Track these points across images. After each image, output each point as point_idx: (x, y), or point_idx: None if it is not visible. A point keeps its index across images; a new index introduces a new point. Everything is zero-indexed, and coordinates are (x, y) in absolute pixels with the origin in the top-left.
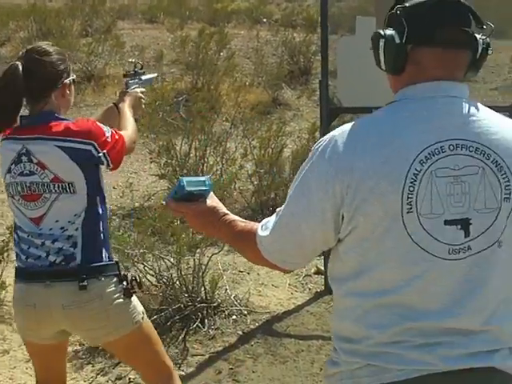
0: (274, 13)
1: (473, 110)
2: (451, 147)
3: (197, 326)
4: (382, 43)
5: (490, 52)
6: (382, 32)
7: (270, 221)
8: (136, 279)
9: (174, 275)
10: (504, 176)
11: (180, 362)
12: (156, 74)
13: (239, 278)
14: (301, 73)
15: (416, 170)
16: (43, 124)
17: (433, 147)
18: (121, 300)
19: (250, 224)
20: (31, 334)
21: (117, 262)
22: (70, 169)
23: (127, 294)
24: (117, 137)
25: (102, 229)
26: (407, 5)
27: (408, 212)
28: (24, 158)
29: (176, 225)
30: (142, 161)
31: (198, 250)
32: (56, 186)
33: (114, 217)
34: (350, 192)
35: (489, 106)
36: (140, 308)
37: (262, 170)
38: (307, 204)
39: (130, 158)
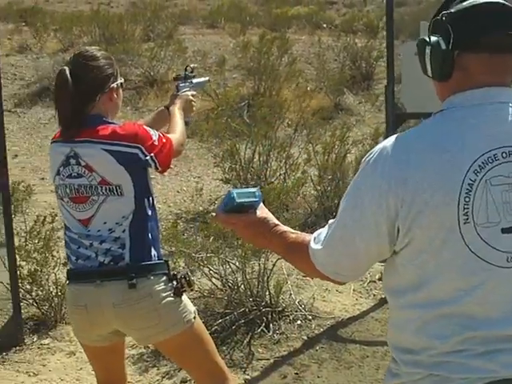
0: (334, 18)
1: None
2: (504, 154)
3: (262, 330)
4: (428, 50)
5: None
6: (427, 39)
7: (322, 233)
8: (186, 278)
9: (239, 279)
10: None
11: (245, 366)
12: (207, 78)
13: (303, 283)
14: (362, 78)
15: (470, 179)
16: (91, 127)
17: (486, 156)
18: (171, 299)
19: (302, 235)
20: (84, 337)
21: (166, 261)
22: (117, 172)
23: (177, 292)
24: (164, 140)
25: (150, 229)
26: (452, 11)
27: (465, 223)
28: (72, 161)
29: None
30: (205, 165)
31: (263, 255)
32: (103, 188)
33: (178, 221)
34: (404, 205)
35: None
36: (191, 307)
37: (329, 176)
38: (360, 217)
39: (193, 163)
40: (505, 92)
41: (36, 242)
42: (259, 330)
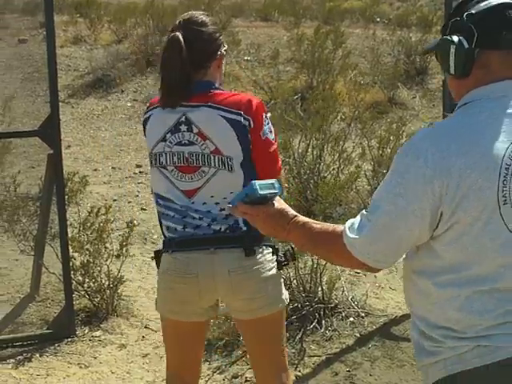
0: (388, 12)
1: None
2: None
3: (314, 326)
4: (453, 49)
5: None
6: (451, 38)
7: (356, 223)
8: (290, 251)
9: (291, 274)
10: None
11: (297, 362)
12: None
13: (356, 280)
14: (417, 72)
15: (507, 164)
16: (204, 93)
17: None
18: (275, 272)
19: (330, 226)
20: (182, 310)
21: None
22: (231, 142)
23: (279, 266)
24: (274, 147)
25: None
26: (473, 12)
27: (504, 203)
28: (183, 127)
29: None
30: None
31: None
32: (216, 158)
33: None
34: (449, 191)
35: None
36: None
37: (383, 171)
38: (406, 204)
39: None
40: None
41: (89, 233)
42: (311, 327)
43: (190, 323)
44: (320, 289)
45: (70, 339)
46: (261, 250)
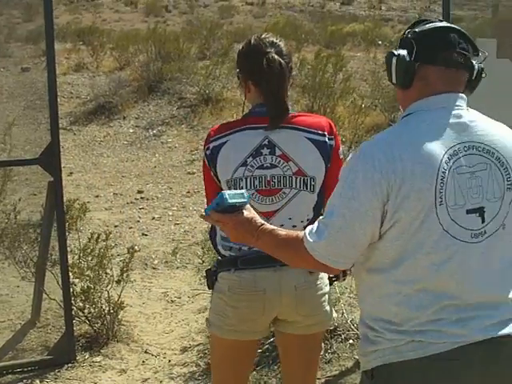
0: (390, 35)
1: (474, 116)
2: (465, 148)
3: None
4: (394, 60)
5: (483, 75)
6: (394, 51)
7: (314, 228)
8: None
9: None
10: (505, 170)
11: None
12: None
13: (356, 302)
14: None
15: (443, 168)
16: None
17: (452, 149)
18: (328, 288)
19: (293, 232)
20: (242, 329)
21: None
22: (316, 162)
23: (330, 282)
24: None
25: None
26: (416, 30)
27: (440, 204)
28: (265, 151)
29: None
30: None
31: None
32: (298, 180)
33: None
34: (393, 191)
35: None
36: None
37: None
38: (358, 206)
39: None
40: (461, 98)
41: (89, 259)
42: None
43: (247, 342)
44: None
45: (70, 365)
46: None
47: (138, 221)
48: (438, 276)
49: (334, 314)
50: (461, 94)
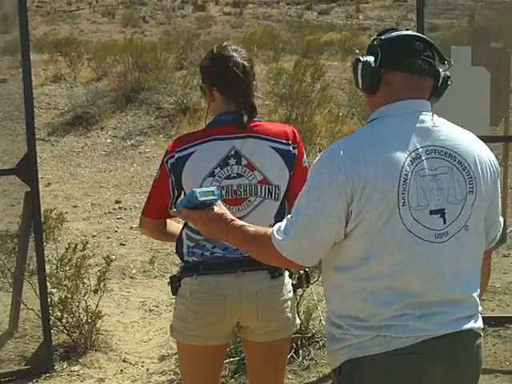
0: (366, 44)
1: (436, 121)
2: (427, 152)
3: (291, 356)
4: (360, 66)
5: (449, 83)
6: (360, 58)
7: (282, 226)
8: (304, 275)
9: None
10: (467, 173)
11: None
12: None
13: None
14: None
15: (406, 171)
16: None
17: (414, 153)
18: (292, 295)
19: (262, 229)
20: (205, 334)
21: None
22: (280, 171)
23: (294, 289)
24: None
25: None
26: (382, 37)
27: (403, 205)
28: (232, 161)
29: None
30: None
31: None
32: (263, 188)
33: None
34: (357, 192)
35: None
36: None
37: None
38: (323, 206)
39: None
40: (424, 104)
41: (67, 269)
42: (289, 356)
43: (210, 347)
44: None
45: (48, 374)
46: (283, 271)
47: (116, 231)
48: (403, 274)
49: (298, 321)
50: (424, 101)
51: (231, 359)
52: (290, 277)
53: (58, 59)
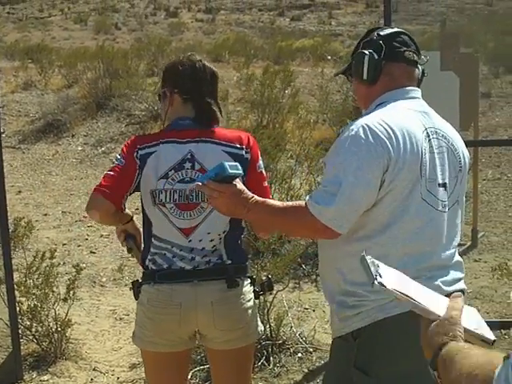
0: (339, 50)
1: (429, 107)
2: (431, 132)
3: (262, 363)
4: (366, 58)
5: (426, 74)
6: (365, 51)
7: (319, 195)
8: (267, 281)
9: None
10: (457, 154)
11: None
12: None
13: (304, 316)
14: None
15: (423, 147)
16: (205, 128)
17: (425, 132)
18: (253, 302)
19: (290, 202)
20: (162, 341)
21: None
22: None
23: (256, 296)
24: (266, 183)
25: (241, 234)
26: (381, 33)
27: (422, 177)
28: (187, 165)
29: None
30: None
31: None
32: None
33: None
34: (391, 163)
35: None
36: None
37: None
38: (364, 175)
39: None
40: (419, 91)
41: (36, 277)
42: (259, 364)
43: (170, 354)
44: (268, 326)
45: None
46: (242, 281)
47: (87, 239)
48: (418, 239)
49: (261, 328)
50: (418, 88)
51: (201, 367)
52: (253, 284)
53: (29, 66)
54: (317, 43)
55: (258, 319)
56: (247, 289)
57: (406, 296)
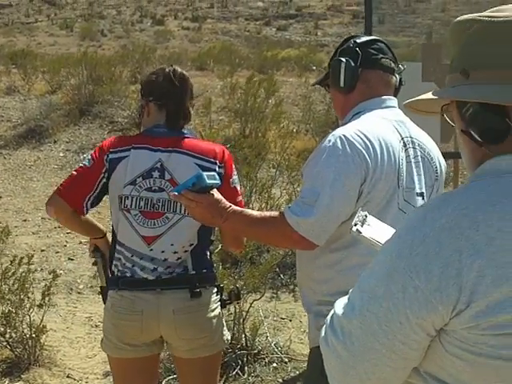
0: (325, 60)
1: (405, 117)
2: (408, 142)
3: (237, 373)
4: (343, 66)
5: (403, 83)
6: (342, 59)
7: (297, 206)
8: (235, 291)
9: None
10: (433, 163)
11: None
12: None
13: (281, 325)
14: None
15: (401, 157)
16: (177, 137)
17: (402, 142)
18: (219, 311)
19: (266, 212)
20: (126, 346)
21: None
22: None
23: (223, 305)
24: (240, 198)
25: (209, 245)
26: (358, 41)
27: (399, 187)
28: (156, 173)
29: (219, 270)
30: None
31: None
32: (183, 205)
33: None
34: (369, 174)
35: None
36: None
37: None
38: (341, 186)
39: None
40: (395, 100)
41: (11, 283)
42: (234, 373)
43: (134, 359)
44: (243, 335)
45: None
46: (207, 290)
47: (65, 245)
48: None
49: (227, 337)
50: (394, 97)
51: (175, 375)
52: (220, 293)
53: (13, 71)
54: (302, 53)
55: (225, 328)
56: (212, 298)
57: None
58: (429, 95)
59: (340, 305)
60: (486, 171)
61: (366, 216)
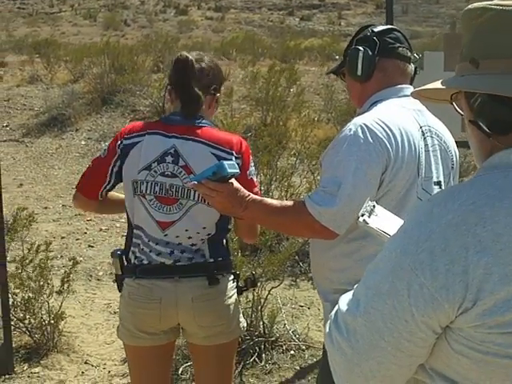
0: None
1: (422, 105)
2: (426, 130)
3: (254, 360)
4: (361, 54)
5: (418, 72)
6: (359, 47)
7: (318, 196)
8: (251, 278)
9: None
10: (449, 151)
11: None
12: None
13: (299, 313)
14: None
15: (420, 145)
16: (196, 126)
17: (420, 130)
18: (236, 298)
19: (287, 201)
20: (144, 335)
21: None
22: None
23: (239, 291)
24: (256, 189)
25: (226, 233)
26: (375, 30)
27: (419, 176)
28: (169, 158)
29: (237, 257)
30: None
31: (258, 284)
32: (196, 192)
33: None
34: (390, 163)
35: None
36: None
37: None
38: (363, 175)
39: None
40: (412, 89)
41: (31, 270)
42: (251, 360)
43: (151, 347)
44: (261, 322)
45: (7, 376)
46: (225, 277)
47: (86, 232)
48: None
49: (243, 324)
50: (411, 86)
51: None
52: (237, 280)
53: (36, 60)
54: (325, 43)
55: (241, 315)
56: (229, 285)
57: (388, 235)
58: (437, 84)
59: (344, 300)
60: (494, 164)
61: (373, 206)
